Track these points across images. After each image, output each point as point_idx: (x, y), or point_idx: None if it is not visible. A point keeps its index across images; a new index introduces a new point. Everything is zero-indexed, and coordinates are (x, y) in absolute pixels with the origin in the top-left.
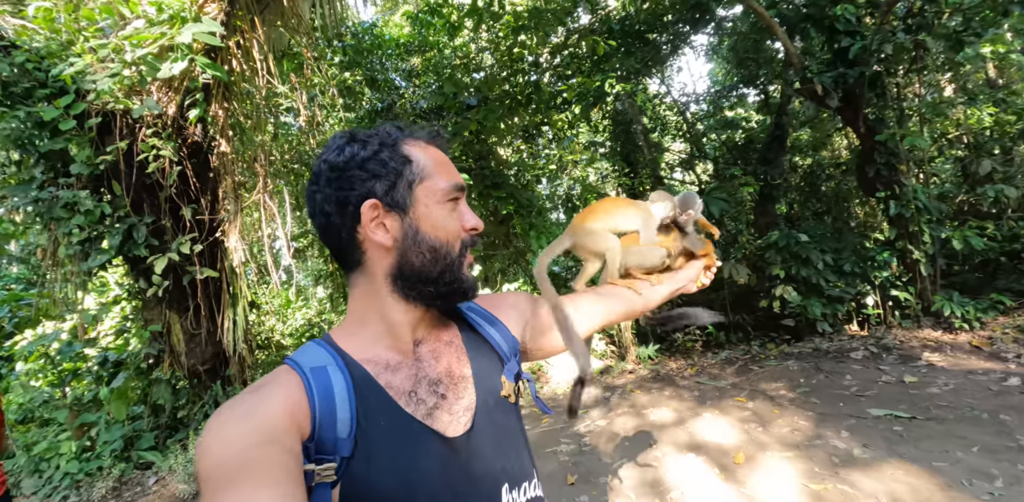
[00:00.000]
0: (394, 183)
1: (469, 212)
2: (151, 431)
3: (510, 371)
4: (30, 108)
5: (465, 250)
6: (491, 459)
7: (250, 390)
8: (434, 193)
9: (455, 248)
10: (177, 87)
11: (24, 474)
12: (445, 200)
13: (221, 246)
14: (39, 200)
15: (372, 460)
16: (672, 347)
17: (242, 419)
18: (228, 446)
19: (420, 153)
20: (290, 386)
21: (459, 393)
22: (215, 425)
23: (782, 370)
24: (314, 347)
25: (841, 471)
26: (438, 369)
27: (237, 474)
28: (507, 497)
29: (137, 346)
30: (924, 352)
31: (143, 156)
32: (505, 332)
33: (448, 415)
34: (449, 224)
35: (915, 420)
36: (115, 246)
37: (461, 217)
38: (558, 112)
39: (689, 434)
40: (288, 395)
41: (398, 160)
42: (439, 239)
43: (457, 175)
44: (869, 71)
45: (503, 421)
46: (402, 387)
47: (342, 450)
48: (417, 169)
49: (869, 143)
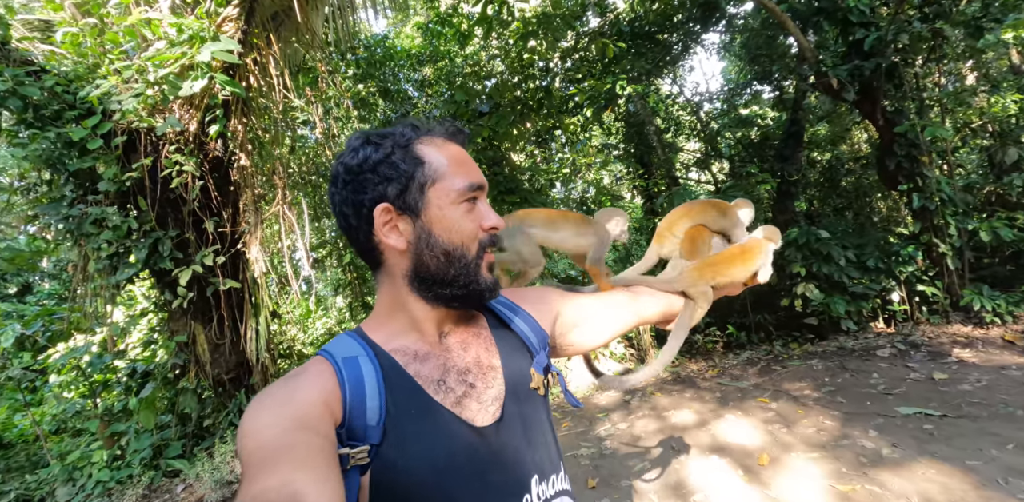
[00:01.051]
0: (406, 186)
1: (489, 210)
2: (178, 440)
3: (539, 363)
4: (59, 129)
5: (483, 251)
6: (520, 449)
7: (285, 379)
8: (447, 194)
9: (471, 250)
10: (198, 104)
11: (58, 483)
12: (460, 201)
13: (243, 257)
14: (69, 217)
15: (402, 446)
16: (692, 348)
17: (279, 405)
18: (266, 430)
19: (435, 153)
20: (323, 375)
21: (488, 382)
22: (253, 411)
23: (806, 370)
24: (345, 338)
25: (870, 471)
26: (466, 359)
27: (276, 456)
28: (536, 488)
29: (164, 357)
30: (954, 348)
31: (167, 172)
32: (534, 325)
33: (477, 404)
34: (464, 225)
35: (946, 418)
36: (142, 260)
37: (480, 216)
38: (570, 116)
39: (711, 436)
40: (322, 384)
41: (410, 162)
42: (452, 242)
43: (476, 173)
44: (886, 62)
45: (532, 413)
46: (430, 376)
47: (371, 438)
48: (430, 170)
49: (889, 135)
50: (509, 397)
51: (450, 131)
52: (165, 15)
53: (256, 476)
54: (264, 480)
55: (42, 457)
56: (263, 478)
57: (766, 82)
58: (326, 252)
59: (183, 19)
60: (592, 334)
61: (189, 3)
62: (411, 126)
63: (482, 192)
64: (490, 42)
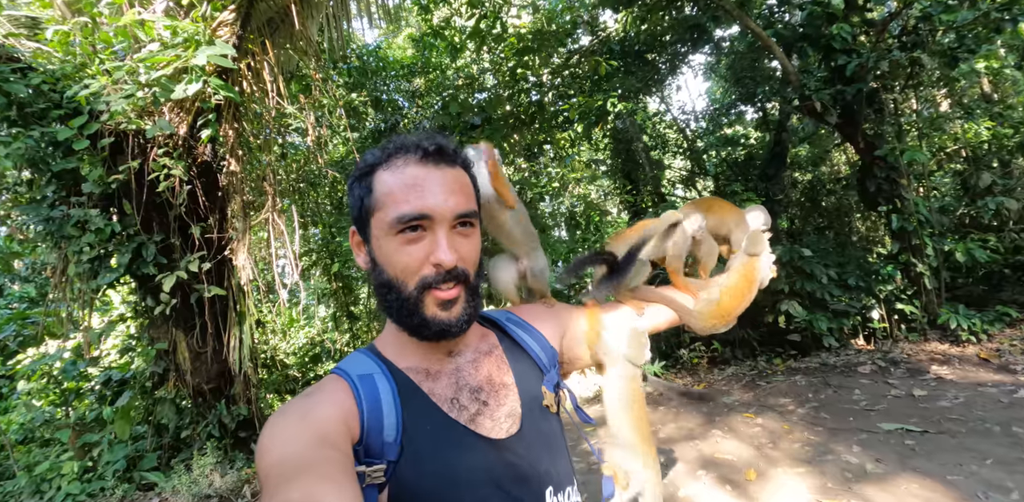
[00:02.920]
0: (358, 213)
1: (441, 244)
2: (154, 451)
3: (550, 381)
4: (44, 128)
5: (426, 288)
6: (535, 462)
7: (302, 396)
8: (381, 225)
9: (408, 285)
10: (189, 108)
11: (25, 495)
12: (394, 232)
13: (229, 264)
14: (50, 219)
15: (419, 463)
16: (678, 363)
17: (298, 422)
18: (286, 446)
19: (388, 179)
20: (340, 393)
21: (500, 400)
22: (272, 428)
23: (790, 385)
24: (360, 356)
25: (854, 486)
26: (479, 377)
27: (297, 470)
28: (551, 500)
29: (141, 365)
30: (932, 365)
31: (154, 175)
32: (544, 342)
33: (491, 421)
34: (397, 259)
35: (927, 434)
36: (124, 264)
37: (427, 249)
38: (561, 131)
39: (698, 451)
40: (339, 401)
41: (362, 189)
42: (390, 274)
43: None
44: (866, 88)
45: (546, 428)
46: (444, 394)
47: (389, 454)
48: (374, 199)
49: (869, 158)
50: (525, 414)
51: (426, 150)
52: (159, 17)
53: (276, 490)
54: (285, 494)
55: (8, 468)
56: (284, 492)
57: (750, 103)
58: (312, 261)
59: (178, 22)
60: None
61: (184, 6)
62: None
63: (430, 222)
64: (482, 56)
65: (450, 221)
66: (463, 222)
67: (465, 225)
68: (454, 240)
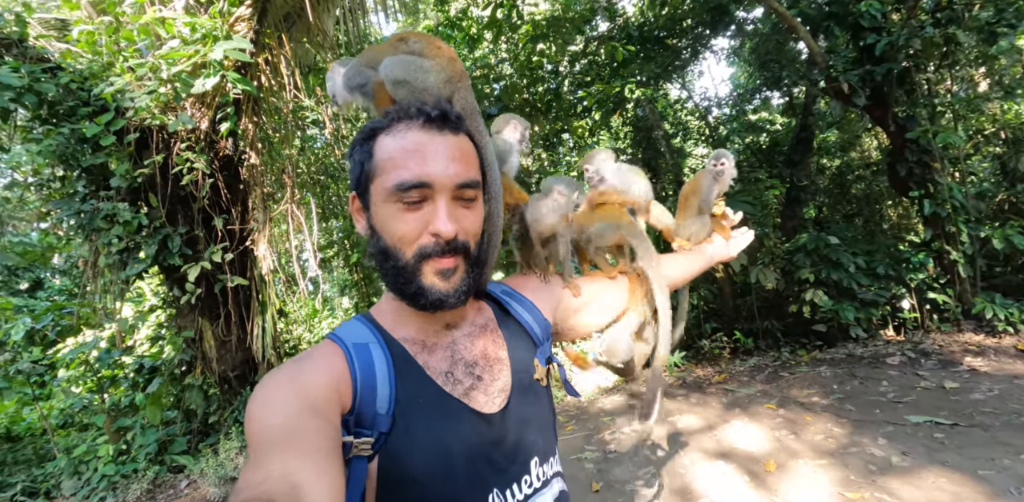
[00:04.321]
0: (358, 178)
1: (440, 214)
2: (184, 436)
3: (542, 354)
4: (74, 125)
5: (424, 258)
6: (523, 434)
7: (294, 361)
8: (380, 192)
9: (405, 253)
10: (209, 103)
11: (64, 476)
12: (393, 199)
13: (251, 255)
14: (81, 212)
15: (410, 435)
16: (699, 355)
17: (288, 387)
18: (273, 412)
19: (390, 144)
20: (333, 359)
21: (494, 375)
22: (261, 392)
23: (814, 376)
24: (356, 324)
25: (879, 479)
26: (474, 351)
27: (281, 439)
28: (536, 470)
29: (171, 353)
30: (965, 357)
31: (177, 169)
32: (537, 315)
33: (484, 396)
34: (395, 226)
35: (957, 427)
36: (151, 255)
37: (426, 218)
38: (578, 119)
39: (717, 441)
40: (331, 367)
41: (363, 154)
42: (387, 241)
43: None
44: (897, 68)
45: (534, 402)
46: (439, 367)
47: (380, 425)
48: (374, 164)
49: (900, 141)
50: (515, 389)
51: (429, 116)
52: (179, 14)
53: (259, 460)
54: (267, 466)
55: (49, 451)
56: (266, 463)
57: (776, 88)
58: (333, 252)
59: (197, 18)
60: (594, 317)
61: (203, 3)
62: (393, 112)
63: (430, 190)
64: (499, 46)
65: (451, 190)
66: (465, 191)
67: (467, 195)
68: (455, 210)
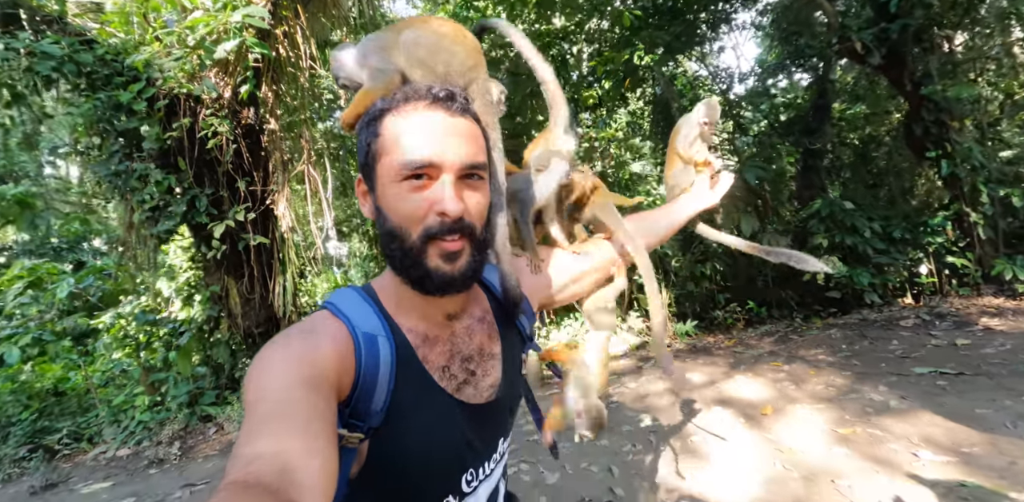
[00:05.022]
0: (365, 158)
1: (447, 193)
2: (212, 390)
3: (530, 348)
4: (109, 93)
5: (430, 238)
6: (501, 421)
7: (301, 330)
8: (388, 170)
9: (411, 234)
10: (231, 72)
11: (105, 424)
12: (400, 178)
13: (272, 216)
14: (117, 173)
15: (401, 432)
16: (712, 324)
17: (291, 358)
18: (274, 380)
19: (397, 123)
20: (340, 342)
21: (487, 370)
22: (265, 359)
23: (823, 338)
24: (360, 302)
25: (874, 418)
26: (472, 346)
27: (278, 412)
28: (501, 447)
29: (200, 311)
30: (982, 318)
31: (203, 133)
32: (528, 308)
33: (474, 390)
34: (402, 206)
35: (962, 376)
36: (180, 213)
37: (432, 198)
38: (587, 87)
39: (718, 391)
40: (339, 351)
41: (370, 134)
42: (394, 222)
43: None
44: (913, 23)
45: (517, 393)
46: (437, 362)
47: (372, 421)
48: (381, 144)
49: (916, 100)
50: (503, 383)
51: (436, 96)
52: None
53: (254, 431)
54: (258, 441)
55: (92, 404)
56: (257, 438)
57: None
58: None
59: None
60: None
61: None
62: (401, 93)
63: (437, 169)
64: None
65: (458, 170)
66: (471, 173)
67: (473, 177)
68: (462, 191)
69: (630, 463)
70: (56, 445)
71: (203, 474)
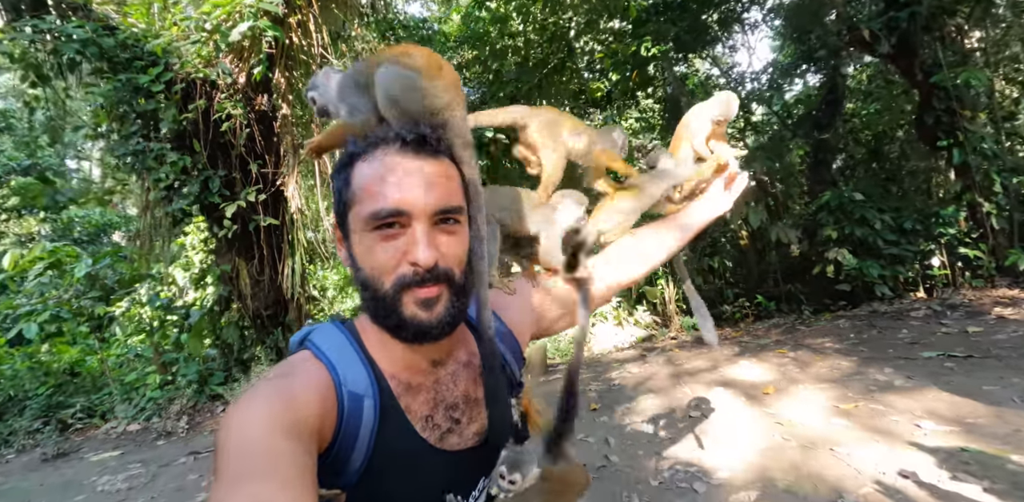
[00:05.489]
0: (338, 206)
1: (421, 242)
2: (222, 370)
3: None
4: (129, 75)
5: (404, 288)
6: (485, 463)
7: (283, 376)
8: (357, 220)
9: (384, 283)
10: (246, 58)
11: (117, 401)
12: (369, 228)
13: (282, 199)
14: (135, 153)
15: (378, 487)
16: (720, 319)
17: (275, 405)
18: (255, 427)
19: (367, 170)
20: (323, 389)
21: (472, 417)
22: (246, 402)
23: (831, 328)
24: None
25: (877, 395)
26: (456, 393)
27: (257, 464)
28: (481, 484)
29: (208, 294)
30: (995, 308)
31: (217, 115)
32: (513, 344)
33: (458, 438)
34: (373, 256)
35: (971, 358)
36: (194, 193)
37: (403, 247)
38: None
39: (720, 375)
40: (321, 397)
41: (341, 181)
42: (366, 272)
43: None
44: (921, 11)
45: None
46: (420, 411)
47: (347, 480)
48: (351, 192)
49: (927, 89)
50: (489, 429)
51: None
52: None
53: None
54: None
55: (106, 384)
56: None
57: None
58: None
59: None
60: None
61: None
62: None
63: (407, 218)
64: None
65: (429, 217)
66: (446, 217)
67: (448, 221)
68: (436, 237)
69: (627, 435)
70: (69, 419)
71: (209, 444)
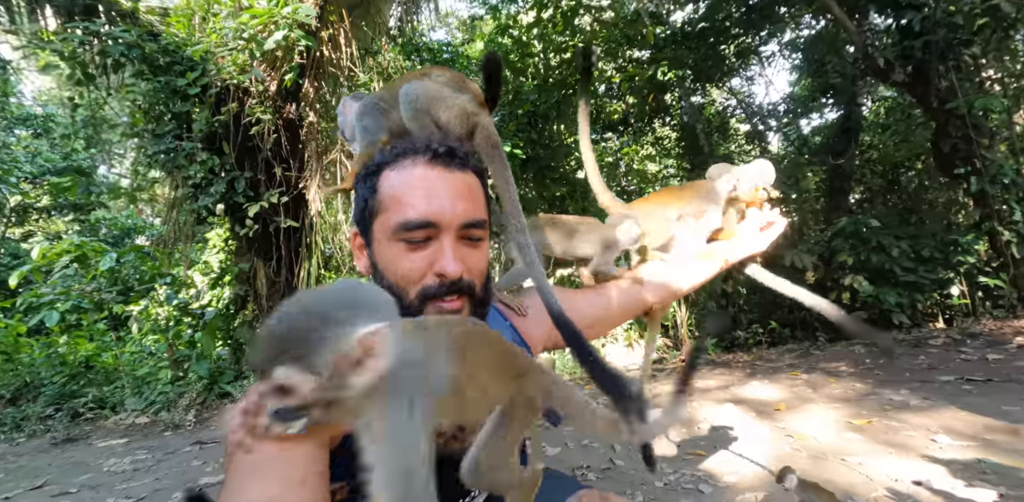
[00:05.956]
0: (362, 213)
1: (447, 254)
2: (232, 369)
3: None
4: (168, 78)
5: (427, 299)
6: None
7: None
8: (384, 229)
9: (408, 293)
10: (278, 66)
11: (128, 395)
12: (397, 237)
13: (304, 202)
14: (168, 151)
15: None
16: (733, 344)
17: None
18: None
19: (395, 180)
20: None
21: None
22: None
23: (846, 353)
24: None
25: (892, 413)
26: None
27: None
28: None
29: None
30: (1016, 337)
31: (247, 119)
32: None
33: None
34: (399, 266)
35: (991, 382)
36: (220, 192)
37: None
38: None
39: (731, 393)
40: None
41: (367, 189)
42: (389, 280)
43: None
44: (935, 39)
45: None
46: None
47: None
48: (377, 201)
49: (943, 117)
50: None
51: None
52: None
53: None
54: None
55: (119, 378)
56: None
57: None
58: None
59: None
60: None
61: None
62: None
63: (436, 229)
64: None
65: (457, 229)
66: (471, 231)
67: (474, 234)
68: (461, 250)
69: None
70: (81, 408)
71: (215, 436)
